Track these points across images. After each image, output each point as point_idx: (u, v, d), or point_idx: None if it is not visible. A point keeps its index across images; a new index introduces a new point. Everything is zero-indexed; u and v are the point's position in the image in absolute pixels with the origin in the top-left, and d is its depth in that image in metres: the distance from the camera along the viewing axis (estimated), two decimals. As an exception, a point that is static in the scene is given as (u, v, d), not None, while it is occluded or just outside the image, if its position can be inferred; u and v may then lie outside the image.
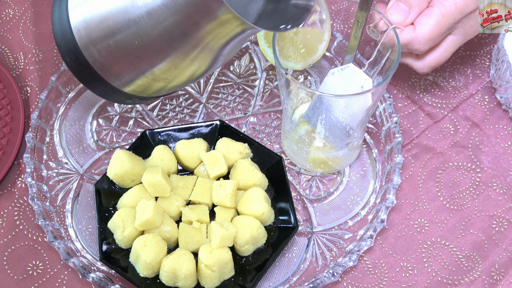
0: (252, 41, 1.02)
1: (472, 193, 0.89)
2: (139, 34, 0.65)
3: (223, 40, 0.67)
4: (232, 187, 0.82)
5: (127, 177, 0.84)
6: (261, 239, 0.81)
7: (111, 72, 0.71)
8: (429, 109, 0.96)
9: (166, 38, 0.65)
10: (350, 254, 0.82)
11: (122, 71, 0.71)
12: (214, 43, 0.66)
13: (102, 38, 0.68)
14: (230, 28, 0.64)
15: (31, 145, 0.89)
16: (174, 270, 0.76)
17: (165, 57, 0.68)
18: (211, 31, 0.64)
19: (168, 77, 0.71)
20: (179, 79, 0.72)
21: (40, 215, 0.83)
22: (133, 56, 0.68)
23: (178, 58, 0.68)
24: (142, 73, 0.70)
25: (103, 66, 0.71)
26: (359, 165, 0.91)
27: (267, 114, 0.96)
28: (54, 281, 0.83)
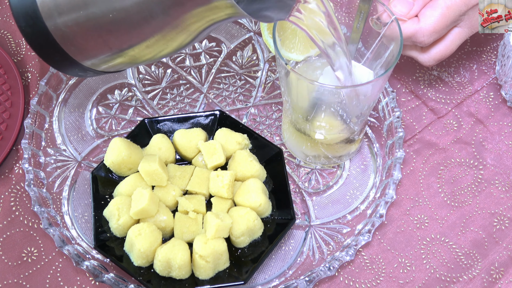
0: (256, 31, 1.01)
1: (473, 190, 0.88)
2: (115, 8, 0.62)
3: (207, 24, 0.64)
4: (229, 178, 0.81)
5: (124, 165, 0.83)
6: (257, 231, 0.80)
7: (74, 44, 0.66)
8: (433, 104, 0.95)
9: (145, 15, 0.62)
10: (347, 249, 0.81)
11: (88, 45, 0.66)
12: (196, 26, 0.64)
13: (72, 8, 0.64)
14: (219, 14, 0.62)
15: (30, 131, 0.89)
16: (168, 259, 0.76)
17: (141, 35, 0.64)
18: (198, 14, 0.61)
19: (137, 55, 0.68)
20: (147, 57, 0.68)
21: (36, 201, 0.83)
22: (104, 31, 0.64)
23: (153, 38, 0.64)
24: (110, 49, 0.67)
25: (65, 37, 0.65)
26: (360, 159, 0.90)
27: (268, 106, 0.95)
28: (48, 268, 0.82)
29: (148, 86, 0.97)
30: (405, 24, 0.81)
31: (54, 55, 0.68)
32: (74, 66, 0.70)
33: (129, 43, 0.66)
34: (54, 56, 0.69)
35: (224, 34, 1.01)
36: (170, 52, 0.68)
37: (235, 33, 1.02)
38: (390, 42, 0.78)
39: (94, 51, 0.67)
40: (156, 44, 0.65)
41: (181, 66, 0.98)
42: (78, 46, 0.67)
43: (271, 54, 0.99)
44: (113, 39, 0.65)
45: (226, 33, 1.02)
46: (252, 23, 1.02)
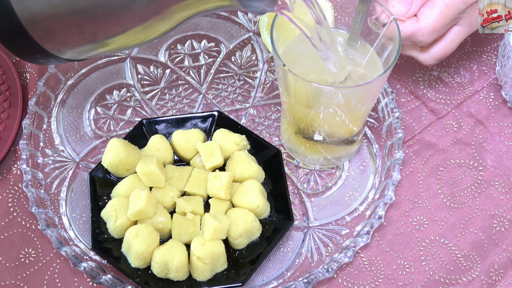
0: (255, 32, 1.01)
1: (473, 192, 0.88)
2: None
3: (193, 13, 0.61)
4: (227, 179, 0.81)
5: (121, 166, 0.83)
6: (255, 233, 0.80)
7: (42, 27, 0.62)
8: (433, 105, 0.95)
9: (127, 2, 0.59)
10: (346, 250, 0.80)
11: (58, 28, 0.62)
12: (181, 16, 0.61)
13: None
14: (210, 5, 0.59)
15: (28, 132, 0.88)
16: (165, 261, 0.75)
17: (121, 23, 0.61)
18: (188, 4, 0.59)
19: (109, 43, 0.64)
20: (119, 45, 0.65)
21: (34, 202, 0.82)
22: (78, 15, 0.60)
23: (134, 27, 0.61)
24: (82, 35, 0.62)
25: (33, 19, 0.61)
26: (359, 160, 0.90)
27: (267, 106, 0.95)
28: (46, 269, 0.82)
29: (146, 86, 0.97)
30: (404, 24, 0.80)
31: (16, 38, 0.64)
32: (37, 52, 0.66)
33: (103, 30, 0.62)
34: (16, 39, 0.64)
35: (223, 34, 1.01)
36: (145, 41, 0.65)
37: (234, 33, 1.01)
38: (389, 42, 0.78)
39: (63, 36, 0.64)
40: (134, 33, 0.62)
41: (180, 67, 0.98)
42: (46, 29, 0.63)
43: (270, 54, 0.99)
44: (88, 26, 0.62)
45: (225, 33, 1.01)
46: (251, 23, 1.02)
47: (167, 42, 1.00)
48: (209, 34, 1.01)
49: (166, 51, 0.99)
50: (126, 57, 0.98)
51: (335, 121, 0.81)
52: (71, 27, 0.62)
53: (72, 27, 0.62)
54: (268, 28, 0.93)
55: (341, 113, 0.79)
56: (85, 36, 0.63)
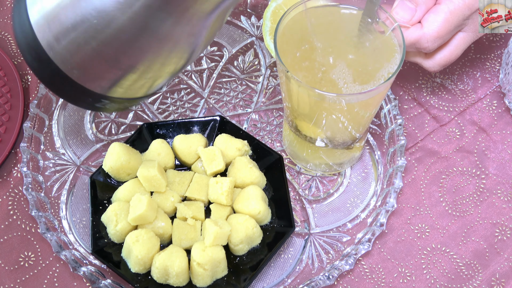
0: (258, 36, 1.01)
1: (475, 200, 0.87)
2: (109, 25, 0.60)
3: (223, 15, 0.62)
4: (229, 185, 0.80)
5: (122, 171, 0.83)
6: (256, 239, 0.80)
7: (75, 66, 0.64)
8: (436, 112, 0.94)
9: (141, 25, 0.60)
10: (347, 258, 0.80)
11: (87, 63, 0.64)
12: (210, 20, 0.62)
13: (65, 30, 0.62)
14: None
15: (29, 134, 0.88)
16: (165, 267, 0.75)
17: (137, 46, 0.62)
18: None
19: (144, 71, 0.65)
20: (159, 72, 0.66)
21: (34, 205, 0.82)
22: (99, 46, 0.62)
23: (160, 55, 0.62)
24: (108, 64, 0.63)
25: (65, 60, 0.64)
26: (361, 166, 0.89)
27: (269, 112, 0.94)
28: (45, 273, 0.82)
29: (148, 90, 0.96)
30: (408, 31, 0.80)
31: (63, 85, 0.66)
32: (86, 95, 0.67)
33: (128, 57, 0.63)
34: (63, 86, 0.66)
35: (226, 38, 1.01)
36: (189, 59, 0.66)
37: (237, 38, 1.01)
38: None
39: (94, 69, 0.65)
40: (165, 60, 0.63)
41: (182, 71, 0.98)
42: (78, 66, 0.64)
43: (273, 59, 0.98)
44: (109, 52, 0.63)
45: (228, 38, 1.01)
46: (254, 28, 1.01)
47: (169, 46, 0.99)
48: (212, 38, 1.01)
49: (168, 54, 0.99)
50: (128, 61, 0.98)
51: (337, 128, 0.80)
52: (96, 59, 0.63)
53: (97, 59, 0.63)
54: (271, 33, 0.93)
55: (344, 120, 0.78)
56: (113, 66, 0.64)
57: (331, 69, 0.76)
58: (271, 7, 0.93)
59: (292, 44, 0.78)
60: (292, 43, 0.78)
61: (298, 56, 0.77)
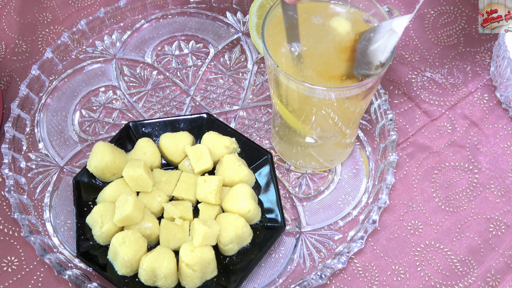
0: (244, 32, 0.99)
1: (468, 195, 0.86)
2: None
3: None
4: (217, 183, 0.78)
5: (107, 171, 0.81)
6: (246, 238, 0.78)
7: None
8: (426, 106, 0.93)
9: None
10: (339, 256, 0.78)
11: None
12: None
13: None
14: None
15: (10, 136, 0.86)
16: (153, 268, 0.73)
17: None
18: None
19: None
20: None
21: (16, 208, 0.80)
22: None
23: None
24: None
25: None
26: (352, 163, 0.88)
27: (257, 109, 0.93)
28: (29, 278, 0.79)
29: (133, 88, 0.94)
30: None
31: None
32: None
33: None
34: None
35: (211, 35, 0.99)
36: None
37: (223, 34, 0.99)
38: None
39: None
40: None
41: (167, 68, 0.96)
42: None
43: (260, 55, 0.96)
44: None
45: (213, 34, 0.99)
46: (240, 24, 1.00)
47: (154, 43, 0.98)
48: (197, 34, 0.99)
49: (153, 52, 0.97)
50: (111, 58, 0.96)
51: (327, 123, 0.79)
52: None
53: None
54: (258, 29, 0.91)
55: (334, 115, 0.77)
56: None
57: (320, 63, 0.74)
58: (257, 2, 0.92)
59: (280, 38, 0.76)
60: (280, 37, 0.76)
61: (287, 50, 0.75)
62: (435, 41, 0.99)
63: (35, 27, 0.99)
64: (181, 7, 1.01)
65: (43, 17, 1.01)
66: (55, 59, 0.94)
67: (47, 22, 1.00)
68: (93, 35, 0.97)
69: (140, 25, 0.99)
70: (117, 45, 0.97)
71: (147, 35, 0.99)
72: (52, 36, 0.99)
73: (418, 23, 1.01)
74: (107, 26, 0.98)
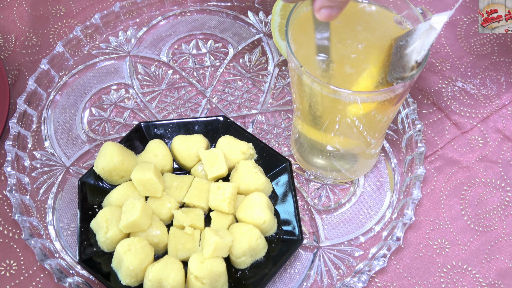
0: (266, 33, 0.95)
1: (500, 214, 0.82)
2: None
3: None
4: (231, 191, 0.75)
5: (115, 173, 0.77)
6: (260, 251, 0.74)
7: None
8: (457, 118, 0.89)
9: None
10: (359, 274, 0.75)
11: None
12: None
13: None
14: None
15: (15, 132, 0.82)
16: (159, 279, 0.70)
17: None
18: None
19: None
20: None
21: (17, 209, 0.77)
22: None
23: None
24: None
25: None
26: (376, 175, 0.84)
27: (276, 113, 0.89)
28: (28, 284, 0.76)
29: (146, 87, 0.90)
30: None
31: None
32: None
33: None
34: None
35: (231, 34, 0.95)
36: None
37: (243, 34, 0.96)
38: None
39: None
40: None
41: (183, 68, 0.92)
42: None
43: (282, 57, 0.92)
44: None
45: (233, 34, 0.95)
46: (262, 24, 0.96)
47: (170, 41, 0.94)
48: (216, 34, 0.95)
49: (169, 50, 0.94)
50: (125, 55, 0.92)
51: (351, 132, 0.75)
52: None
53: None
54: (280, 29, 0.87)
55: (359, 124, 0.72)
56: None
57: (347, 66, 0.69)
58: (280, 1, 0.88)
59: (305, 38, 0.71)
60: (305, 37, 0.71)
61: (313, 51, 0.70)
62: (467, 50, 0.94)
63: (47, 20, 0.96)
64: (201, 4, 0.98)
65: (56, 10, 0.97)
66: (66, 53, 0.90)
67: (60, 15, 0.97)
68: (107, 31, 0.94)
69: (157, 22, 0.96)
70: (132, 41, 0.93)
71: (163, 32, 0.95)
72: (64, 30, 0.95)
73: (450, 30, 0.96)
74: (122, 21, 0.95)
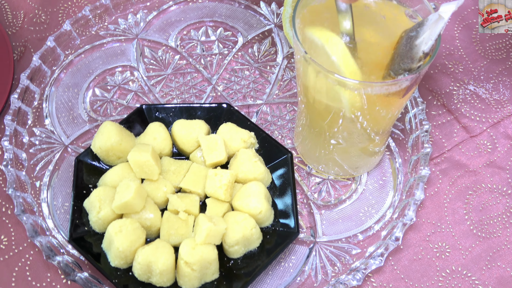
0: (277, 24, 0.93)
1: (504, 221, 0.80)
2: None
3: None
4: (229, 178, 0.73)
5: (112, 153, 0.76)
6: (254, 241, 0.72)
7: None
8: (466, 121, 0.87)
9: None
10: (355, 272, 0.73)
11: None
12: None
13: None
14: None
15: (16, 107, 0.81)
16: (149, 263, 0.68)
17: None
18: None
19: None
20: None
21: (11, 184, 0.75)
22: None
23: None
24: None
25: None
26: (379, 173, 0.82)
27: (282, 105, 0.87)
28: (17, 260, 0.75)
29: (152, 71, 0.89)
30: None
31: None
32: None
33: None
34: None
35: (241, 24, 0.94)
36: None
37: (254, 24, 0.94)
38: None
39: None
40: None
41: (191, 54, 0.91)
42: None
43: (291, 49, 0.91)
44: None
45: (244, 23, 0.94)
46: (273, 15, 0.94)
47: (180, 27, 0.93)
48: (226, 22, 0.94)
49: (178, 35, 0.93)
50: (133, 38, 0.91)
51: (355, 128, 0.73)
52: None
53: None
54: (291, 21, 0.85)
55: (363, 120, 0.70)
56: None
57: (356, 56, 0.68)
58: (293, -8, 0.86)
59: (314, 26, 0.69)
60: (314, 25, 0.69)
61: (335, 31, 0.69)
62: (482, 54, 0.92)
63: (57, -1, 0.95)
64: (213, -8, 0.96)
65: (67, -11, 0.96)
66: (73, 32, 0.89)
67: (71, -6, 0.96)
68: (117, 12, 0.93)
69: (168, 7, 0.95)
70: (141, 25, 0.92)
71: (173, 17, 0.94)
72: (73, 10, 0.95)
73: (465, 33, 0.94)
74: (133, 4, 0.94)
